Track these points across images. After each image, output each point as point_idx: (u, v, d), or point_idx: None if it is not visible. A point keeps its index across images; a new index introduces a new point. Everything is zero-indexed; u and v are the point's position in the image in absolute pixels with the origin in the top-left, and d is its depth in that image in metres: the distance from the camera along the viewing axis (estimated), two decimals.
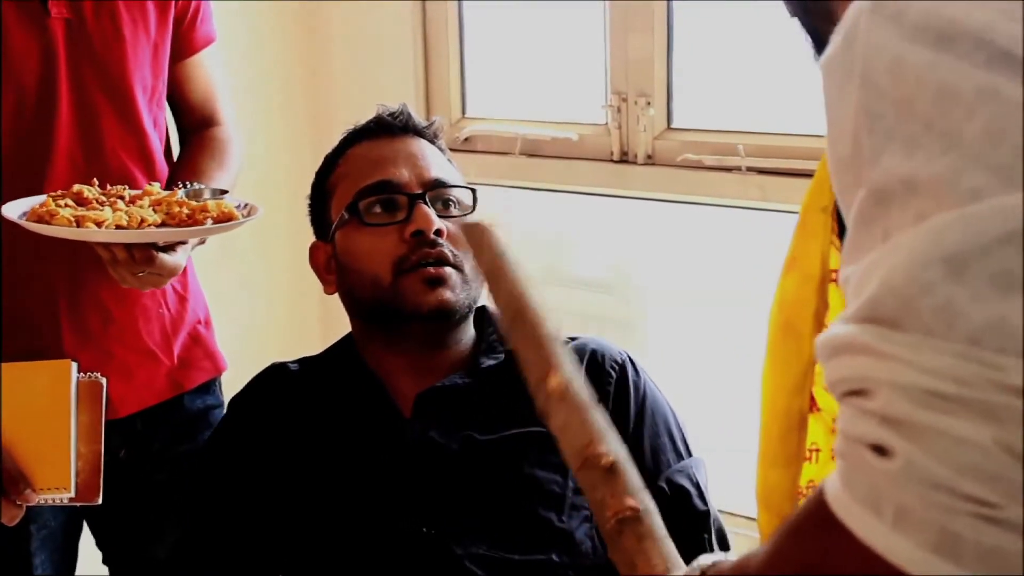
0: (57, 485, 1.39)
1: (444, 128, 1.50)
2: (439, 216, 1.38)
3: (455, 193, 1.42)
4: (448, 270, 1.35)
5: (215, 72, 1.70)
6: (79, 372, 1.42)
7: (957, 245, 0.55)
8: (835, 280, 0.83)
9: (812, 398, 0.89)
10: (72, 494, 1.40)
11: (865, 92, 0.61)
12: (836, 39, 0.64)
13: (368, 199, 1.40)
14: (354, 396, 1.40)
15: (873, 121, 0.60)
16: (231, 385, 1.50)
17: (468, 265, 1.36)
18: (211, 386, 1.69)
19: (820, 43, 0.82)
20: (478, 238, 1.08)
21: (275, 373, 1.47)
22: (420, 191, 1.39)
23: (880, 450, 0.56)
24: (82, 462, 1.41)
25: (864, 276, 0.59)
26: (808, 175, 0.87)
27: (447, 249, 1.35)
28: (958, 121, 0.57)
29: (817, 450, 0.90)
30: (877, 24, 0.61)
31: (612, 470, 0.81)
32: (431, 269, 1.34)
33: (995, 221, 0.55)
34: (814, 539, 0.60)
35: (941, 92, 0.58)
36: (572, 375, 0.88)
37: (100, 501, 1.43)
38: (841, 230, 0.80)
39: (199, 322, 1.67)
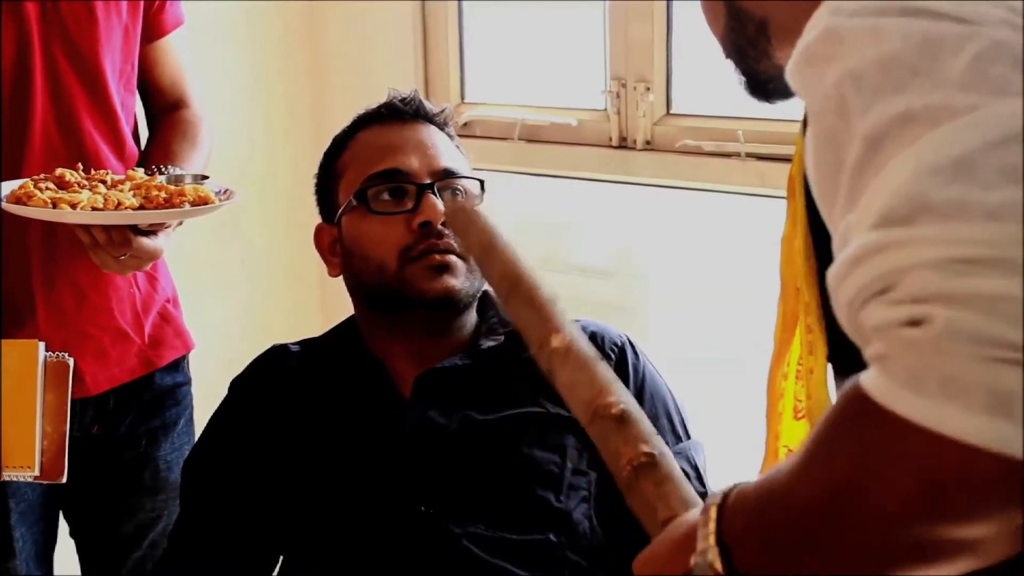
0: (22, 464, 1.40)
1: (453, 116, 1.50)
2: (448, 206, 1.38)
3: (463, 183, 1.42)
4: (454, 259, 1.36)
5: (183, 55, 1.71)
6: (47, 352, 1.43)
7: (962, 147, 0.57)
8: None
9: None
10: (36, 473, 1.41)
11: (848, 58, 0.63)
12: (806, 37, 0.67)
13: (376, 186, 1.40)
14: (355, 378, 1.41)
15: (858, 82, 0.62)
16: (232, 367, 1.50)
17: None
18: (180, 364, 1.72)
19: (754, 81, 0.91)
20: (464, 220, 1.09)
21: (276, 354, 1.47)
22: (429, 181, 1.39)
23: (915, 324, 0.56)
24: (47, 441, 1.42)
25: (865, 206, 0.60)
26: None
27: (453, 239, 1.36)
28: (944, 61, 0.59)
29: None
30: (847, 9, 0.65)
31: (623, 418, 0.81)
32: (437, 256, 1.35)
33: (998, 122, 0.57)
34: (854, 437, 0.59)
35: (925, 41, 0.60)
36: (574, 333, 0.88)
37: (65, 480, 1.45)
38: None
39: (168, 301, 1.70)
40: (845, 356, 0.75)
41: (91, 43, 1.52)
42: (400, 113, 1.45)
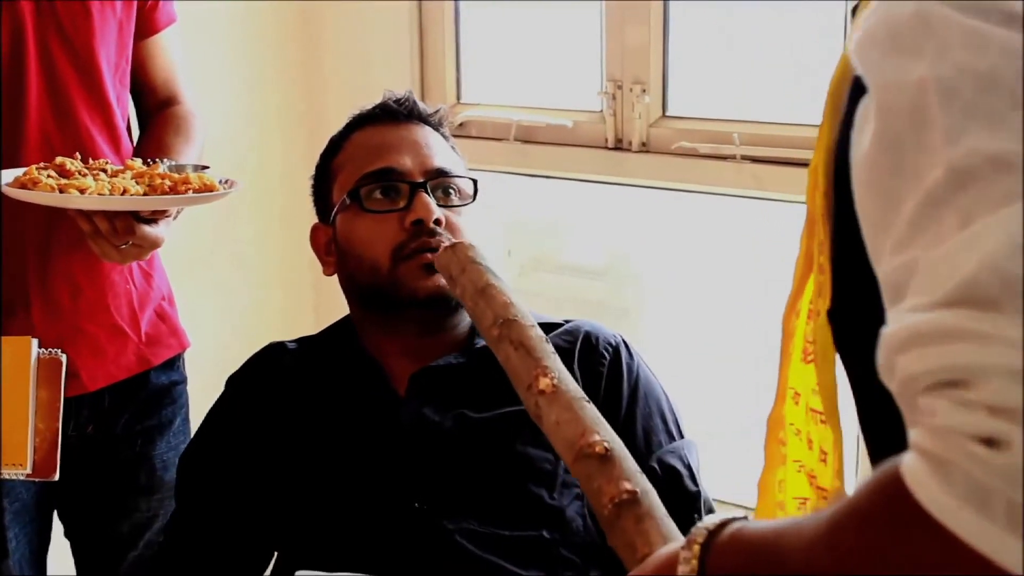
0: (14, 461, 1.40)
1: (448, 116, 1.51)
2: (440, 205, 1.39)
3: (457, 182, 1.43)
4: None
5: (176, 53, 1.71)
6: (40, 348, 1.42)
7: None
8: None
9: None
10: (29, 470, 1.41)
11: (940, 62, 0.56)
12: (889, 9, 0.60)
13: (369, 185, 1.40)
14: (350, 376, 1.41)
15: (948, 97, 0.56)
16: (227, 366, 1.51)
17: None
18: (175, 362, 1.72)
19: None
20: (457, 265, 1.09)
21: (273, 352, 1.48)
22: (422, 179, 1.40)
23: (990, 442, 0.50)
24: (39, 439, 1.42)
25: (944, 261, 0.54)
26: (803, 164, 0.85)
27: (446, 238, 1.36)
28: None
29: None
30: (939, 2, 0.58)
31: (606, 457, 0.81)
32: (429, 255, 1.35)
33: None
34: (893, 533, 0.54)
35: None
36: (561, 373, 0.88)
37: (57, 478, 1.44)
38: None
39: (163, 299, 1.69)
40: (848, 310, 0.73)
41: (86, 38, 1.52)
42: (394, 114, 1.46)
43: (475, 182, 1.45)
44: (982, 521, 0.50)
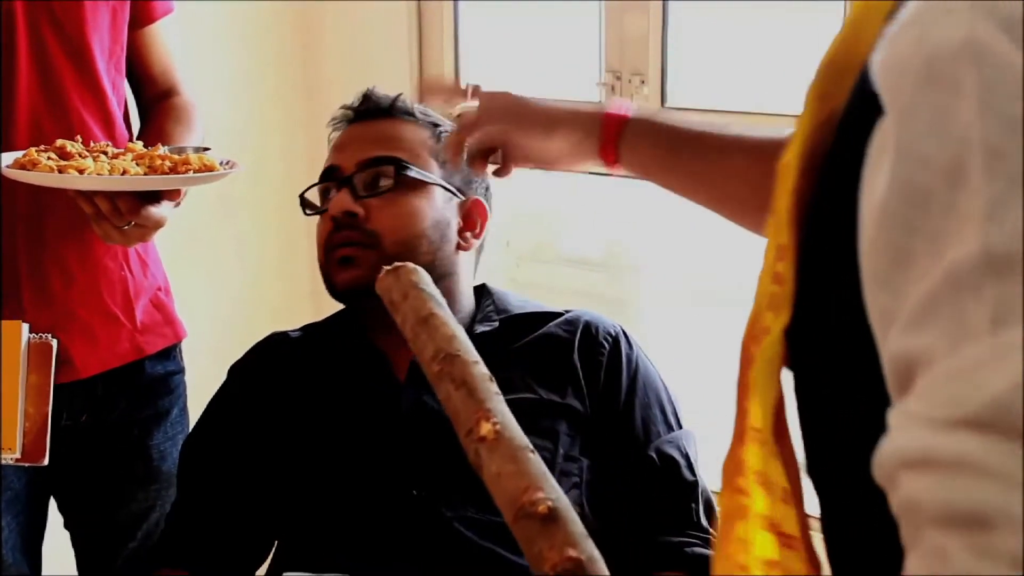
0: (3, 446, 1.40)
1: (410, 101, 1.49)
2: (366, 196, 1.39)
3: (384, 170, 1.41)
4: (354, 250, 1.38)
5: (173, 43, 1.70)
6: (31, 333, 1.42)
7: None
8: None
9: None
10: (18, 455, 1.40)
11: (986, 120, 0.47)
12: (935, 29, 0.50)
13: (313, 188, 1.47)
14: (352, 363, 1.42)
15: (993, 160, 0.47)
16: (224, 356, 1.51)
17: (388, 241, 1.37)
18: (172, 352, 1.71)
19: None
20: (399, 291, 0.99)
21: (274, 340, 1.49)
22: (351, 173, 1.41)
23: None
24: (29, 423, 1.41)
25: (970, 371, 0.46)
26: None
27: (357, 229, 1.37)
28: None
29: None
30: (1005, 17, 0.48)
31: (550, 517, 0.72)
32: (342, 250, 1.38)
33: None
34: None
35: None
36: (505, 417, 0.81)
37: (46, 463, 1.44)
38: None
39: (159, 289, 1.69)
40: (812, 331, 0.64)
41: (78, 22, 1.51)
42: (357, 113, 1.48)
43: (397, 165, 1.41)
44: None
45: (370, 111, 1.47)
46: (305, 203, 1.47)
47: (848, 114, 0.61)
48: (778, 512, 0.70)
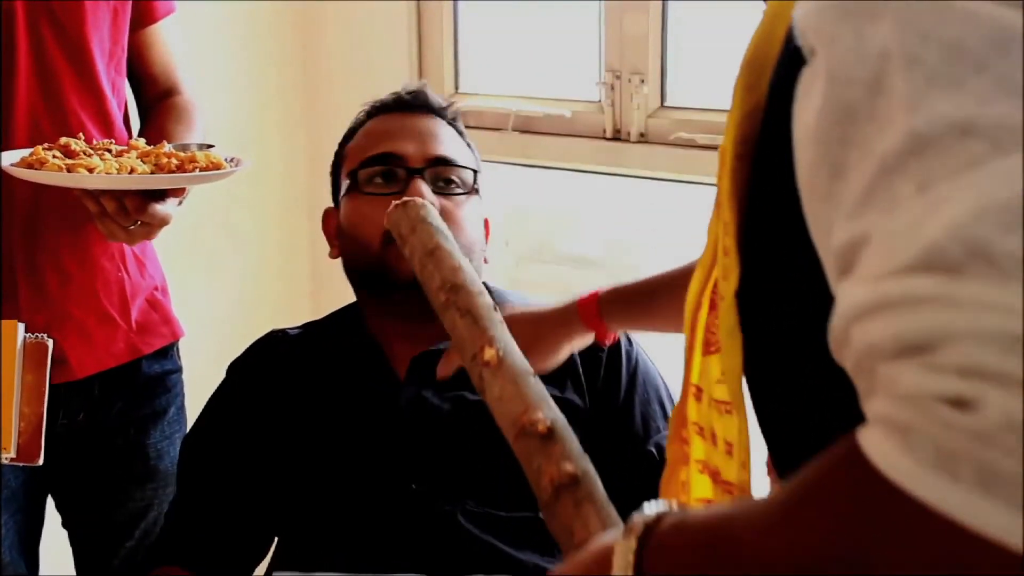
0: None
1: (460, 111, 1.52)
2: (437, 194, 1.39)
3: (460, 173, 1.43)
4: None
5: (175, 43, 1.70)
6: (26, 333, 1.42)
7: None
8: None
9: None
10: (13, 454, 1.41)
11: (901, 29, 0.54)
12: None
13: (368, 168, 1.42)
14: (352, 359, 1.42)
15: (910, 65, 0.53)
16: (223, 356, 1.51)
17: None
18: (169, 351, 1.71)
19: None
20: (407, 223, 1.05)
21: (274, 338, 1.50)
22: (421, 166, 1.40)
23: (959, 405, 0.47)
24: (24, 423, 1.41)
25: (904, 228, 0.51)
26: None
27: (430, 215, 1.37)
28: (1016, 63, 0.51)
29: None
30: None
31: (548, 436, 0.77)
32: None
33: None
34: (855, 510, 0.51)
35: (997, 32, 0.52)
36: (508, 345, 0.84)
37: (41, 462, 1.44)
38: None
39: (156, 288, 1.68)
40: (756, 292, 0.71)
41: (77, 22, 1.51)
42: (406, 103, 1.48)
43: (475, 173, 1.45)
44: (950, 485, 0.47)
45: (425, 106, 1.48)
46: (359, 181, 1.42)
47: (772, 89, 0.67)
48: (718, 461, 0.77)
